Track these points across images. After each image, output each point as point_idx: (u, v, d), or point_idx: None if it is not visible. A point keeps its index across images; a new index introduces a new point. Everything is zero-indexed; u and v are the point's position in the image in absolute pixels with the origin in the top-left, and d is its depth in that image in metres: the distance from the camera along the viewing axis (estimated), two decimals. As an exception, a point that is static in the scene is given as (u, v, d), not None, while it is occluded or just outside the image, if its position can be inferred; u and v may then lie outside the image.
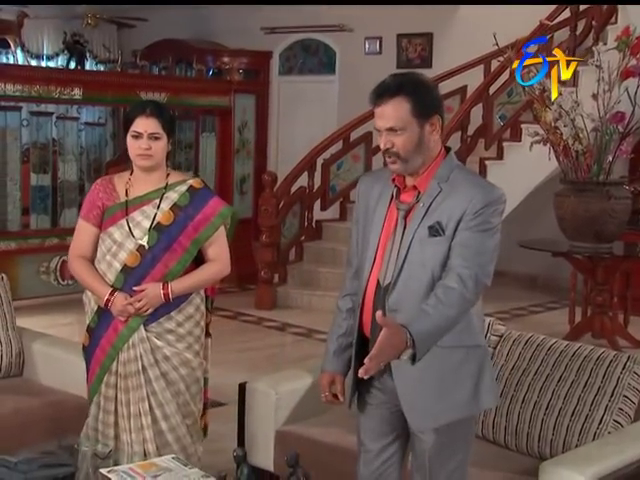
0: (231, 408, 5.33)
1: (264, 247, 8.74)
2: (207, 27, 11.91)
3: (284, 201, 8.96)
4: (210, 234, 3.49)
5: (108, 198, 3.50)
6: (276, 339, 7.65)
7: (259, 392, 3.80)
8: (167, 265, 3.43)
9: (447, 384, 2.73)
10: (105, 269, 3.46)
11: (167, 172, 3.54)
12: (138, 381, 3.43)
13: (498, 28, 7.44)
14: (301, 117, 11.31)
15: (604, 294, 7.25)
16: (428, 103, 2.72)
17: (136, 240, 3.43)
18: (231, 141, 9.97)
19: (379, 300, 2.74)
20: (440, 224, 2.68)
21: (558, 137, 7.04)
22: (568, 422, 3.33)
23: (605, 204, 6.95)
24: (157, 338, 3.46)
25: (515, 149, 8.83)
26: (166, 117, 3.46)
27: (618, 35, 7.08)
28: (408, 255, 2.69)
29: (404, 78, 2.73)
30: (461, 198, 2.68)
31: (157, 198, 3.47)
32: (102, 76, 10.44)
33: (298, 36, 11.52)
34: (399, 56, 10.81)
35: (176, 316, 3.47)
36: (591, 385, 3.34)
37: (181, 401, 3.51)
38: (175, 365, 3.48)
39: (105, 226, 3.49)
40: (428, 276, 2.69)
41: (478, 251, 2.67)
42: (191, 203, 3.48)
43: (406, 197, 2.77)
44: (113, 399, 3.47)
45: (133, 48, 12.01)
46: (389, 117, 2.68)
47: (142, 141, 3.41)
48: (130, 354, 3.44)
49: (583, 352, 3.44)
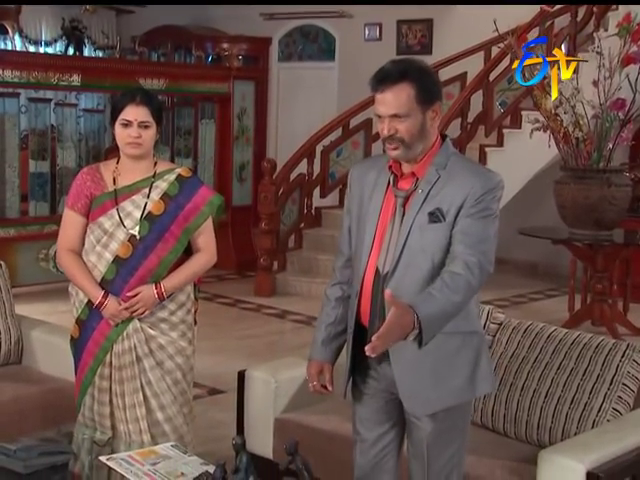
0: (230, 396, 5.32)
1: (263, 234, 8.72)
2: (206, 13, 11.88)
3: (283, 188, 8.94)
4: (200, 223, 3.47)
5: (96, 187, 3.44)
6: (275, 326, 7.65)
7: (258, 380, 3.79)
8: (159, 255, 3.41)
9: (444, 370, 2.74)
10: (95, 260, 3.42)
11: (154, 160, 3.51)
12: (132, 372, 3.42)
13: (498, 14, 7.43)
14: (300, 104, 11.29)
15: (604, 281, 7.25)
16: (431, 89, 2.70)
17: (127, 230, 3.39)
18: (230, 128, 9.93)
19: (378, 288, 2.73)
20: (440, 210, 2.67)
21: (558, 124, 7.03)
22: (567, 410, 3.33)
23: (605, 191, 6.94)
24: (151, 327, 3.44)
25: (515, 136, 8.82)
26: (155, 105, 3.43)
27: (619, 22, 7.06)
28: (407, 241, 2.68)
29: (407, 64, 2.71)
30: (462, 185, 2.67)
31: (146, 187, 3.44)
32: (101, 62, 10.38)
33: (297, 22, 11.50)
34: (399, 42, 10.80)
35: (169, 305, 3.45)
36: (590, 373, 3.34)
37: (179, 390, 3.50)
38: (170, 354, 3.47)
39: (94, 216, 3.43)
40: (428, 262, 2.68)
41: (481, 238, 2.66)
42: (181, 192, 3.46)
43: (404, 184, 2.76)
44: (107, 391, 3.45)
45: (132, 34, 11.96)
46: (392, 103, 2.65)
47: (132, 129, 3.36)
48: (124, 345, 3.42)
49: (582, 340, 3.43)
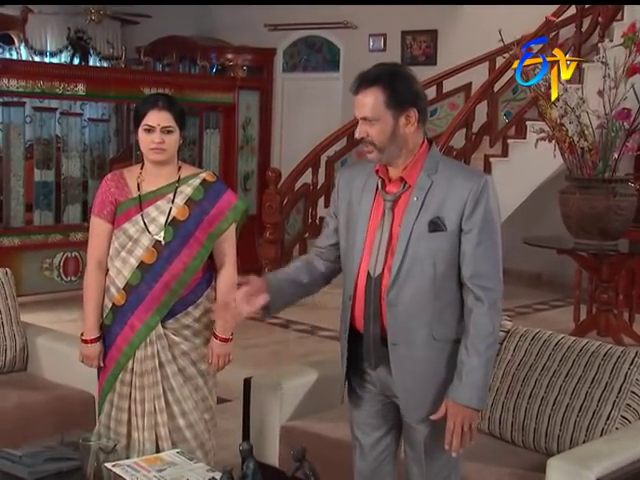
0: (236, 404, 5.30)
1: (268, 244, 8.72)
2: (210, 24, 11.91)
3: (288, 198, 8.95)
4: (225, 228, 3.45)
5: (120, 193, 3.43)
6: (280, 336, 7.62)
7: (264, 387, 3.79)
8: (184, 261, 3.40)
9: (442, 376, 2.76)
10: (120, 266, 3.41)
11: (178, 165, 3.49)
12: (154, 378, 3.40)
13: (503, 25, 7.43)
14: (305, 114, 11.30)
15: (609, 292, 7.22)
16: (403, 95, 2.70)
17: (152, 236, 3.38)
18: (235, 138, 9.95)
19: (370, 291, 2.75)
20: (441, 219, 2.69)
21: (564, 134, 7.02)
22: (575, 418, 3.30)
23: (611, 201, 6.93)
24: (174, 334, 3.43)
25: (520, 146, 8.80)
26: (178, 110, 3.41)
27: (624, 32, 7.06)
28: (408, 250, 2.69)
29: (382, 69, 2.74)
30: (459, 189, 2.69)
31: (171, 192, 3.42)
32: (106, 72, 10.39)
33: (302, 33, 11.53)
34: (403, 53, 10.82)
35: (193, 311, 3.45)
36: (598, 381, 3.32)
37: (200, 396, 3.51)
38: (193, 360, 3.47)
39: (118, 222, 3.43)
40: (430, 271, 2.70)
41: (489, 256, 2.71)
42: (206, 197, 3.44)
43: (392, 188, 2.77)
44: (127, 397, 3.44)
45: (137, 45, 11.99)
46: (364, 107, 2.69)
47: (155, 135, 3.34)
48: (147, 351, 3.41)
49: (590, 348, 3.41)
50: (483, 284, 2.69)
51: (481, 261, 2.69)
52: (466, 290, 2.72)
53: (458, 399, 2.68)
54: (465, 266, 2.70)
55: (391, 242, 2.73)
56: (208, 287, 3.50)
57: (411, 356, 2.72)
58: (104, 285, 3.45)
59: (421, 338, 2.73)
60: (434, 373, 2.76)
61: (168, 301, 3.40)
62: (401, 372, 2.75)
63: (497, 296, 2.71)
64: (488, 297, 2.68)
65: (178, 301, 3.41)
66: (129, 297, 3.40)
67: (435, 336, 2.73)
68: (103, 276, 3.45)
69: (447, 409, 2.70)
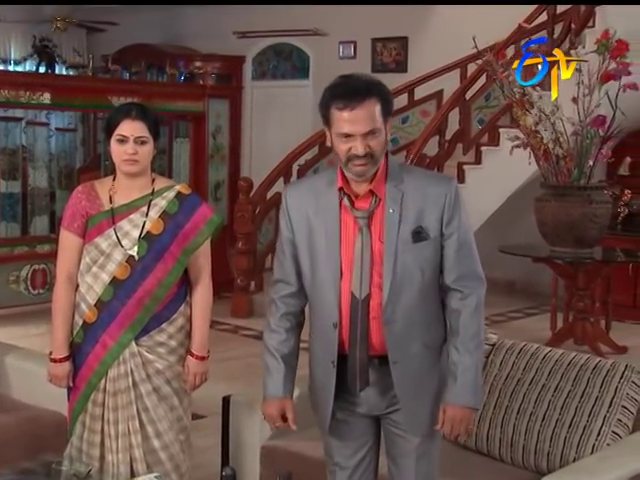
0: (211, 421, 5.18)
1: (240, 254, 8.60)
2: (178, 31, 11.78)
3: (260, 207, 8.83)
4: (201, 243, 3.34)
5: (92, 206, 3.30)
6: (254, 348, 7.46)
7: (243, 405, 3.65)
8: (158, 277, 3.28)
9: (436, 384, 2.73)
10: (91, 281, 3.29)
11: (152, 177, 3.37)
12: (128, 398, 3.28)
13: (474, 32, 7.39)
14: (274, 122, 11.20)
15: (585, 299, 7.18)
16: (390, 103, 2.66)
17: (125, 250, 3.26)
18: (205, 147, 9.83)
19: (356, 314, 2.67)
20: (423, 228, 2.65)
21: (538, 141, 6.98)
22: (565, 434, 3.23)
23: (586, 208, 6.90)
24: (148, 352, 3.31)
25: (493, 153, 8.75)
26: (151, 120, 3.30)
27: (598, 38, 7.02)
28: (397, 264, 2.63)
29: (366, 78, 2.65)
30: (434, 197, 2.66)
31: (144, 205, 3.30)
32: (72, 81, 10.24)
33: (271, 40, 11.40)
34: (374, 60, 10.74)
35: (167, 328, 3.33)
36: (588, 395, 3.24)
37: (175, 416, 3.39)
38: (167, 379, 3.35)
39: (90, 236, 3.30)
40: (419, 281, 2.67)
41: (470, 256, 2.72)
42: (181, 210, 3.32)
43: (361, 204, 2.68)
44: (100, 418, 3.31)
45: (103, 53, 11.81)
46: (366, 120, 2.57)
47: (128, 146, 3.22)
48: (120, 370, 3.28)
49: (579, 361, 3.34)
50: (468, 284, 2.68)
51: (464, 263, 2.69)
52: (450, 292, 2.70)
53: (456, 400, 2.65)
54: (448, 270, 2.69)
55: (373, 259, 2.65)
56: (182, 303, 3.38)
57: (410, 371, 2.68)
58: (74, 301, 3.32)
59: (415, 350, 2.69)
60: (430, 383, 2.73)
61: (142, 318, 3.29)
62: (404, 389, 2.69)
63: (482, 294, 2.72)
64: (475, 297, 2.68)
65: (152, 318, 3.29)
66: (101, 314, 3.28)
67: (426, 344, 2.70)
68: (73, 292, 3.33)
69: (444, 413, 2.66)
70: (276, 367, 2.82)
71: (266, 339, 2.86)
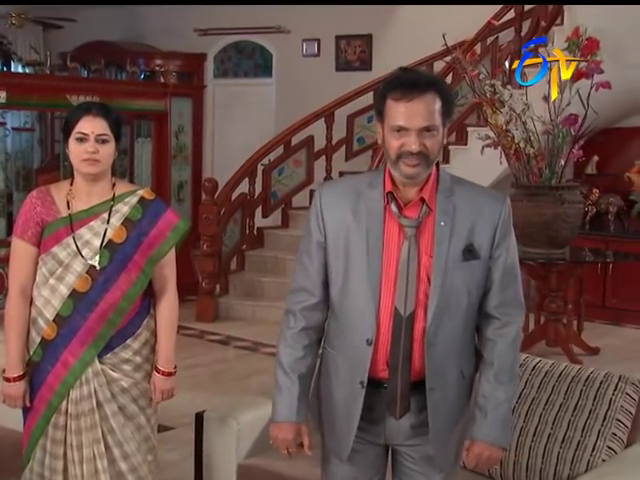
0: (180, 433, 5.00)
1: (205, 257, 8.40)
2: (138, 28, 11.55)
3: (225, 209, 8.63)
4: (166, 251, 3.10)
5: (47, 213, 3.04)
6: (220, 354, 7.32)
7: (218, 422, 3.43)
8: (122, 288, 3.03)
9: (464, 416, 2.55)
10: (48, 295, 3.03)
11: (113, 181, 3.12)
12: (92, 420, 3.03)
13: (439, 29, 7.31)
14: (237, 121, 11.01)
15: (557, 301, 7.07)
16: (451, 103, 2.43)
17: (86, 261, 3.01)
18: (168, 146, 9.64)
19: (399, 332, 2.43)
20: (474, 247, 2.43)
21: (509, 140, 6.86)
22: (558, 449, 3.07)
23: (559, 209, 6.78)
24: (113, 370, 3.07)
25: (461, 153, 8.65)
26: (113, 118, 3.04)
27: (568, 36, 6.94)
28: (445, 283, 2.40)
29: (427, 73, 2.50)
30: (488, 214, 2.44)
31: (105, 212, 3.05)
32: (28, 79, 9.93)
33: (233, 38, 11.21)
34: (338, 58, 10.60)
35: (132, 343, 3.09)
36: (581, 408, 3.09)
37: (142, 436, 3.16)
38: (134, 397, 3.11)
39: (46, 246, 3.04)
40: (464, 304, 2.45)
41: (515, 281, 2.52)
42: (144, 216, 3.07)
43: (410, 212, 2.43)
44: (62, 442, 3.05)
45: (61, 50, 11.52)
46: (424, 114, 2.33)
47: (88, 144, 2.97)
48: (83, 391, 3.03)
49: (570, 372, 3.19)
50: (509, 312, 2.49)
51: (509, 288, 2.49)
52: (487, 319, 2.50)
53: (485, 437, 2.45)
54: (492, 295, 2.48)
55: (419, 275, 2.42)
56: (147, 316, 3.15)
57: (445, 399, 2.46)
58: (28, 316, 3.07)
59: (453, 378, 2.48)
60: (460, 415, 2.53)
61: (105, 333, 3.03)
62: (437, 418, 2.47)
63: (521, 323, 2.53)
64: (514, 327, 2.50)
65: (116, 333, 3.05)
66: (60, 330, 3.02)
67: (464, 374, 2.50)
68: (27, 306, 3.07)
69: (470, 449, 2.47)
70: (289, 387, 2.55)
71: (280, 354, 2.58)
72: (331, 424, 2.59)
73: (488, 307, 2.49)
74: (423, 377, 2.44)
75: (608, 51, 6.86)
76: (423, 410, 2.48)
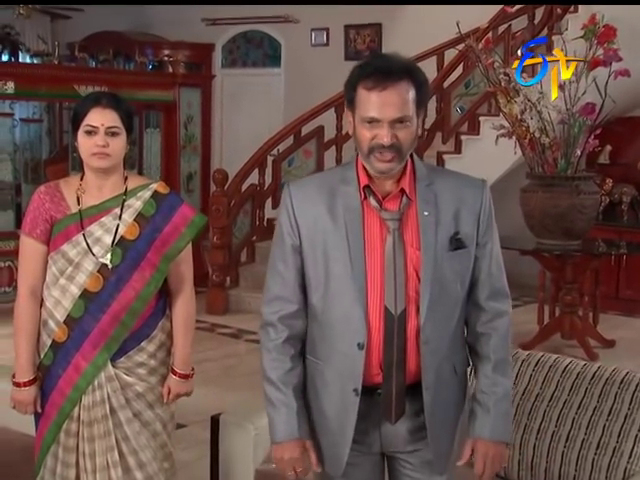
0: (192, 430, 4.92)
1: (215, 249, 8.31)
2: (145, 18, 11.43)
3: (235, 200, 8.53)
4: (182, 247, 2.96)
5: (57, 209, 2.90)
6: (231, 348, 7.23)
7: (235, 426, 3.28)
8: (136, 288, 2.90)
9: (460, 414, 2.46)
10: (59, 295, 2.90)
11: (125, 175, 2.98)
12: (105, 427, 2.90)
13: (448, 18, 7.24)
14: (245, 111, 10.91)
15: (573, 293, 6.96)
16: (426, 91, 2.30)
17: (97, 259, 2.87)
18: (177, 137, 9.57)
19: (392, 333, 2.30)
20: (460, 235, 2.33)
21: (524, 130, 6.75)
22: (593, 456, 2.93)
23: (575, 199, 6.69)
24: (127, 374, 2.94)
25: (473, 143, 8.56)
26: (124, 109, 2.90)
27: (585, 23, 6.80)
28: (435, 276, 2.29)
29: (401, 58, 2.28)
30: (470, 200, 2.35)
31: (117, 207, 2.91)
32: (36, 69, 9.83)
33: (241, 28, 11.10)
34: (347, 48, 10.47)
35: (147, 346, 2.96)
36: (617, 412, 2.94)
37: (158, 443, 3.02)
38: (149, 402, 2.98)
39: (56, 244, 2.90)
40: (454, 296, 2.35)
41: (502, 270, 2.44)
42: (158, 212, 2.94)
43: (389, 205, 2.32)
44: (74, 450, 2.92)
45: (68, 40, 11.41)
46: (397, 104, 2.21)
47: (98, 137, 2.83)
48: (96, 396, 2.90)
49: (604, 374, 3.04)
50: (500, 304, 2.41)
51: (497, 278, 2.40)
52: (478, 311, 2.41)
53: (488, 435, 2.35)
54: (481, 285, 2.38)
55: (407, 270, 2.30)
56: (163, 317, 3.02)
57: (440, 398, 2.35)
58: (39, 317, 2.94)
59: (446, 375, 2.37)
60: (456, 414, 2.42)
61: (118, 335, 2.90)
62: (434, 419, 2.35)
63: (510, 313, 2.44)
64: (506, 319, 2.41)
65: (130, 335, 2.92)
66: (72, 332, 2.89)
67: (456, 369, 2.40)
68: (37, 306, 2.94)
69: (475, 449, 2.36)
70: (285, 402, 2.38)
71: (267, 370, 2.41)
72: (325, 439, 2.43)
73: (478, 298, 2.40)
74: (417, 378, 2.34)
75: (623, 39, 6.73)
76: (420, 413, 2.36)
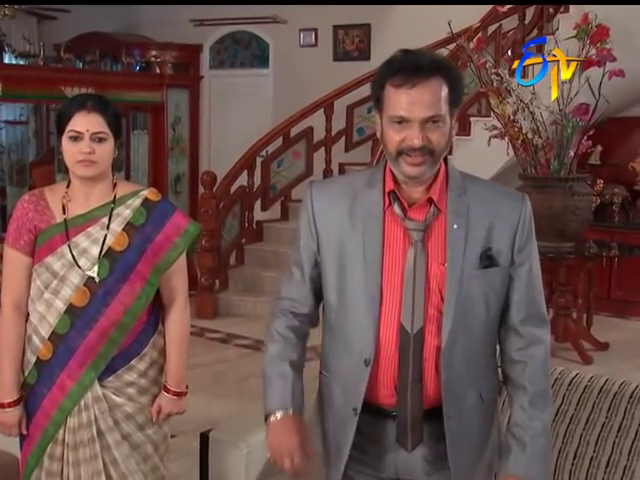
0: (181, 441, 4.78)
1: (204, 252, 8.20)
2: (132, 19, 11.34)
3: (224, 202, 8.43)
4: (174, 258, 2.80)
5: (41, 219, 2.74)
6: (221, 353, 7.13)
7: (226, 444, 3.09)
8: (124, 302, 2.74)
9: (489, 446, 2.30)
10: (43, 310, 2.74)
11: (114, 182, 2.80)
12: (92, 451, 2.75)
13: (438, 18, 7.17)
14: (234, 112, 10.83)
15: (567, 295, 6.90)
16: (460, 90, 2.14)
17: (83, 272, 2.71)
18: (164, 138, 9.49)
19: (407, 352, 2.14)
20: (492, 251, 2.15)
21: (517, 131, 6.68)
22: (602, 475, 2.74)
23: (568, 201, 6.62)
24: (116, 394, 2.78)
25: (464, 143, 8.46)
26: (111, 113, 2.74)
27: (577, 23, 6.74)
28: (461, 294, 2.12)
29: (433, 54, 2.13)
30: (506, 214, 2.17)
31: (105, 216, 2.75)
32: (21, 70, 9.74)
33: (229, 28, 11.01)
34: (336, 48, 10.41)
35: (137, 364, 2.80)
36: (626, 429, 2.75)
37: (149, 467, 2.86)
38: (139, 424, 2.82)
39: (40, 255, 2.74)
40: (482, 317, 2.18)
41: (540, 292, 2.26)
42: (149, 221, 2.78)
43: (415, 214, 2.14)
44: (58, 475, 2.76)
45: (55, 41, 11.30)
46: (429, 103, 2.05)
47: (83, 143, 2.67)
48: (82, 418, 2.74)
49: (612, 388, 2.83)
50: (537, 329, 2.23)
51: (534, 300, 2.22)
52: (512, 337, 2.23)
53: (524, 472, 2.16)
54: (516, 307, 2.21)
55: (429, 286, 2.14)
56: (154, 333, 2.86)
57: (464, 427, 2.18)
58: (24, 334, 2.78)
59: (471, 402, 2.21)
60: (483, 443, 2.26)
61: (106, 353, 2.75)
62: (457, 450, 2.19)
63: (549, 341, 2.26)
64: (543, 346, 2.23)
65: (119, 353, 2.77)
66: (57, 349, 2.74)
67: (483, 397, 2.23)
68: (22, 322, 2.78)
69: None
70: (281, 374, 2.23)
71: (269, 351, 2.28)
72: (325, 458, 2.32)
73: (513, 322, 2.22)
74: (437, 403, 2.18)
75: (615, 38, 6.67)
76: (440, 440, 2.20)
